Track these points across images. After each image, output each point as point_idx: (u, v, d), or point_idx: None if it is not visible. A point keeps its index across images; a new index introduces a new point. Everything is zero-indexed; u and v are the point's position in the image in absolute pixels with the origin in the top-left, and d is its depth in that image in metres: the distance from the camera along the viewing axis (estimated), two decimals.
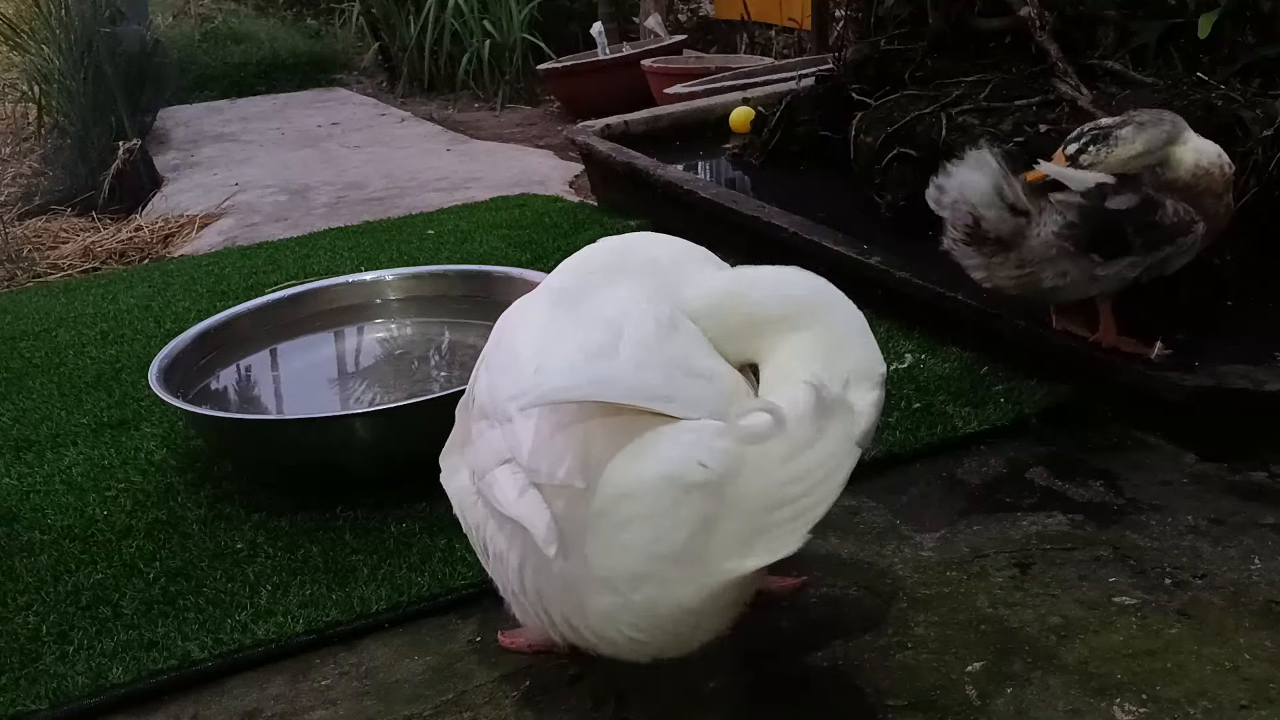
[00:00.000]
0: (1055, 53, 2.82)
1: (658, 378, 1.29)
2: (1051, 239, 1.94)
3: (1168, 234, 1.95)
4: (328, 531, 1.89)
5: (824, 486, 1.12)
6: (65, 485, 2.15)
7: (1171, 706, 1.38)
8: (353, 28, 8.18)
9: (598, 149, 3.65)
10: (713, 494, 1.15)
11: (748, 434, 1.15)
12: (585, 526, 1.21)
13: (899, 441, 2.01)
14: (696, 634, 1.26)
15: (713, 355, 1.39)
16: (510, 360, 1.40)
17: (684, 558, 1.17)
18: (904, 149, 2.87)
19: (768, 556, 1.14)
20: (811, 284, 1.44)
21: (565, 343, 1.36)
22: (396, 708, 1.51)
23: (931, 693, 1.43)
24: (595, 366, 1.30)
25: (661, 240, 1.56)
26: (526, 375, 1.34)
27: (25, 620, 1.74)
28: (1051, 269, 1.98)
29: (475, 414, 1.44)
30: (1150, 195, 1.95)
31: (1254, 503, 1.80)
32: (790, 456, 1.13)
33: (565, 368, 1.31)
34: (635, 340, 1.32)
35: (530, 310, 1.48)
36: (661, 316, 1.37)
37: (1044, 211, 1.96)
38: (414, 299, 2.64)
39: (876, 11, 3.42)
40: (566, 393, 1.24)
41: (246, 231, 4.16)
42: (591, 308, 1.40)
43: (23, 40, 6.05)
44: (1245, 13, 2.60)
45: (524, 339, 1.42)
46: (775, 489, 1.13)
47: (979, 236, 2.00)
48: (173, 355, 2.25)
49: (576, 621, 1.29)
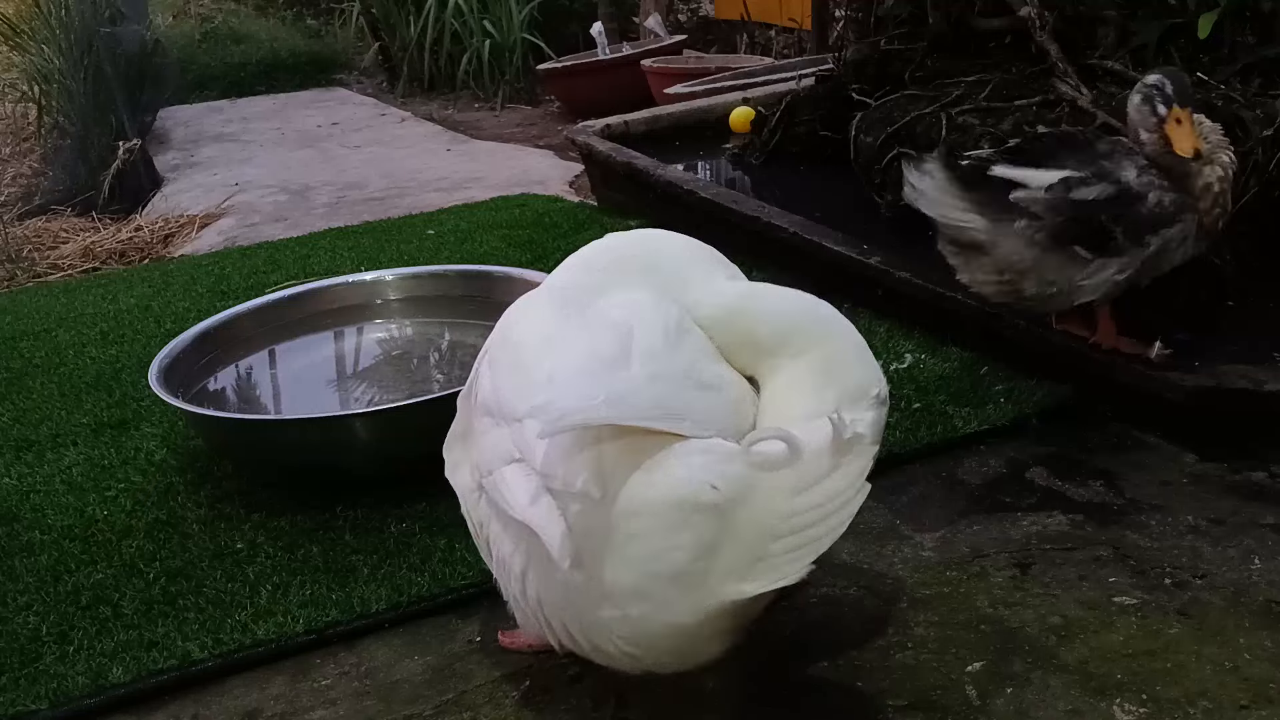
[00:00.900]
0: (1055, 53, 2.82)
1: (669, 392, 1.29)
2: (1022, 238, 1.94)
3: (1149, 223, 1.93)
4: (328, 531, 1.89)
5: (832, 520, 1.13)
6: (65, 485, 2.15)
7: (1171, 706, 1.38)
8: (353, 28, 8.18)
9: (598, 149, 3.65)
10: (719, 518, 1.15)
11: (761, 461, 1.16)
12: (592, 538, 1.21)
13: (899, 441, 2.01)
14: (690, 654, 1.26)
15: (719, 361, 1.40)
16: (517, 360, 1.40)
17: (683, 579, 1.17)
18: (904, 149, 2.87)
19: (767, 584, 1.14)
20: (811, 310, 1.44)
21: (575, 347, 1.36)
22: (396, 708, 1.51)
23: (931, 693, 1.43)
24: (609, 381, 1.29)
25: (669, 238, 1.56)
26: (538, 381, 1.33)
27: (25, 620, 1.74)
28: (1034, 279, 1.97)
29: (478, 409, 1.44)
30: (1128, 185, 1.94)
31: (1254, 503, 1.80)
32: (801, 488, 1.14)
33: (578, 380, 1.30)
34: (645, 348, 1.32)
35: (536, 308, 1.48)
36: (670, 321, 1.37)
37: (1005, 217, 1.96)
38: (414, 299, 2.63)
39: (876, 11, 3.43)
40: (582, 416, 1.22)
41: (246, 231, 4.16)
42: (599, 310, 1.40)
43: (23, 40, 6.05)
44: (1245, 13, 2.60)
45: (531, 339, 1.41)
46: (782, 519, 1.14)
47: (946, 236, 2.02)
48: (173, 355, 2.25)
49: (574, 630, 1.29)
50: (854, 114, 3.13)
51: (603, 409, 1.22)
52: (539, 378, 1.34)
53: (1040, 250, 1.95)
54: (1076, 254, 1.94)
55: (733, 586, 1.16)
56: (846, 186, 3.14)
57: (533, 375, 1.35)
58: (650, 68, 5.62)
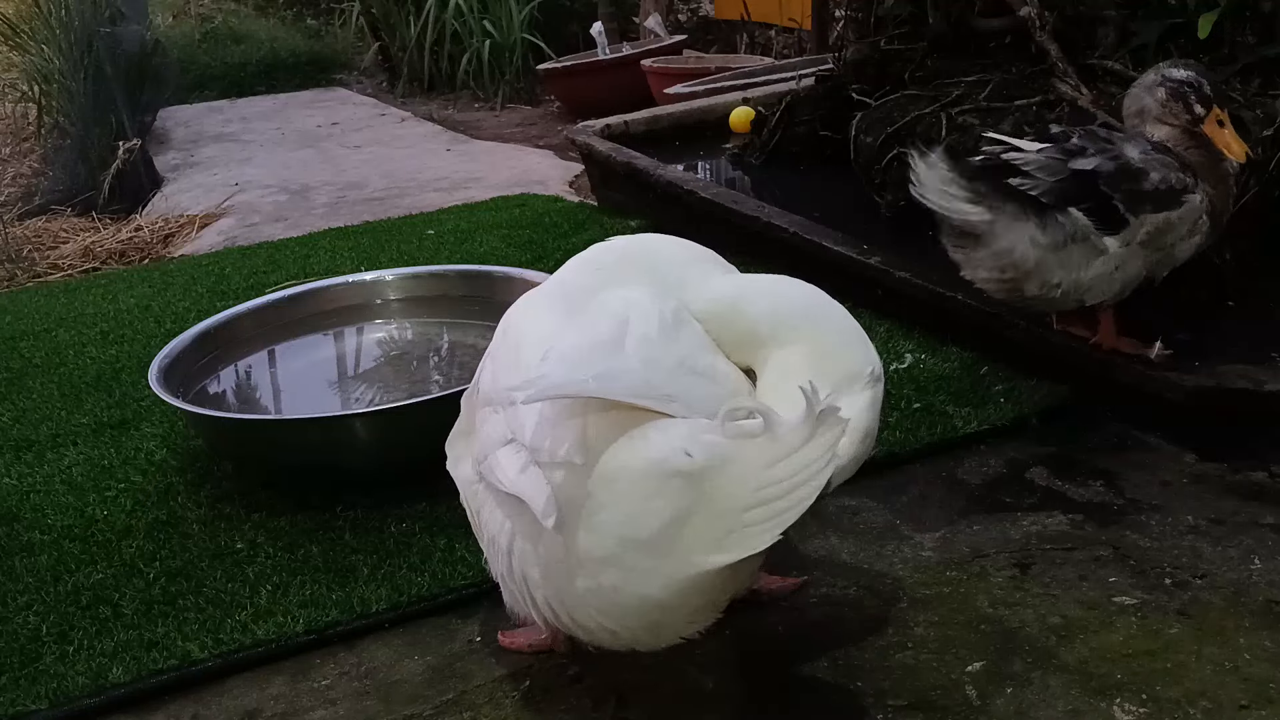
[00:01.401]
0: (1055, 53, 2.82)
1: (661, 375, 1.31)
2: (1021, 219, 1.94)
3: (1152, 199, 1.92)
4: (328, 531, 1.89)
5: (801, 491, 1.14)
6: (65, 485, 2.15)
7: (1171, 706, 1.38)
8: (353, 28, 8.18)
9: (598, 149, 3.65)
10: (693, 486, 1.16)
11: (737, 431, 1.17)
12: (573, 506, 1.23)
13: (899, 441, 2.01)
14: (665, 628, 1.27)
15: (716, 353, 1.41)
16: (515, 350, 1.42)
17: (655, 546, 1.18)
18: (904, 149, 2.87)
19: (737, 554, 1.15)
20: (804, 297, 1.45)
21: (571, 334, 1.38)
22: (396, 708, 1.51)
23: (931, 693, 1.43)
24: (601, 360, 1.31)
25: (668, 241, 1.57)
26: (532, 364, 1.35)
27: (25, 620, 1.74)
28: (1036, 278, 1.97)
29: (479, 402, 1.45)
30: (1129, 161, 1.93)
31: (1254, 503, 1.80)
32: (774, 460, 1.14)
33: (571, 359, 1.32)
34: (640, 335, 1.33)
35: (537, 306, 1.49)
36: (666, 313, 1.39)
37: (1005, 214, 1.96)
38: (414, 299, 2.63)
39: (876, 11, 3.42)
40: (571, 387, 1.25)
41: (246, 231, 4.16)
42: (597, 304, 1.42)
43: (23, 40, 6.04)
44: (1245, 13, 2.60)
45: (530, 330, 1.43)
46: (754, 489, 1.14)
47: (949, 228, 2.02)
48: (173, 355, 2.25)
49: (556, 605, 1.30)
50: (854, 114, 3.13)
51: (591, 383, 1.24)
52: (533, 362, 1.36)
53: (1037, 226, 1.93)
54: (1076, 220, 1.93)
55: (703, 557, 1.16)
56: (846, 186, 3.14)
57: (528, 362, 1.37)
58: (650, 68, 5.62)
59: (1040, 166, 1.92)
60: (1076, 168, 1.92)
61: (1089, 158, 1.93)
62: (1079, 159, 1.93)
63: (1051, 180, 1.92)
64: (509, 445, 1.32)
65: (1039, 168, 1.92)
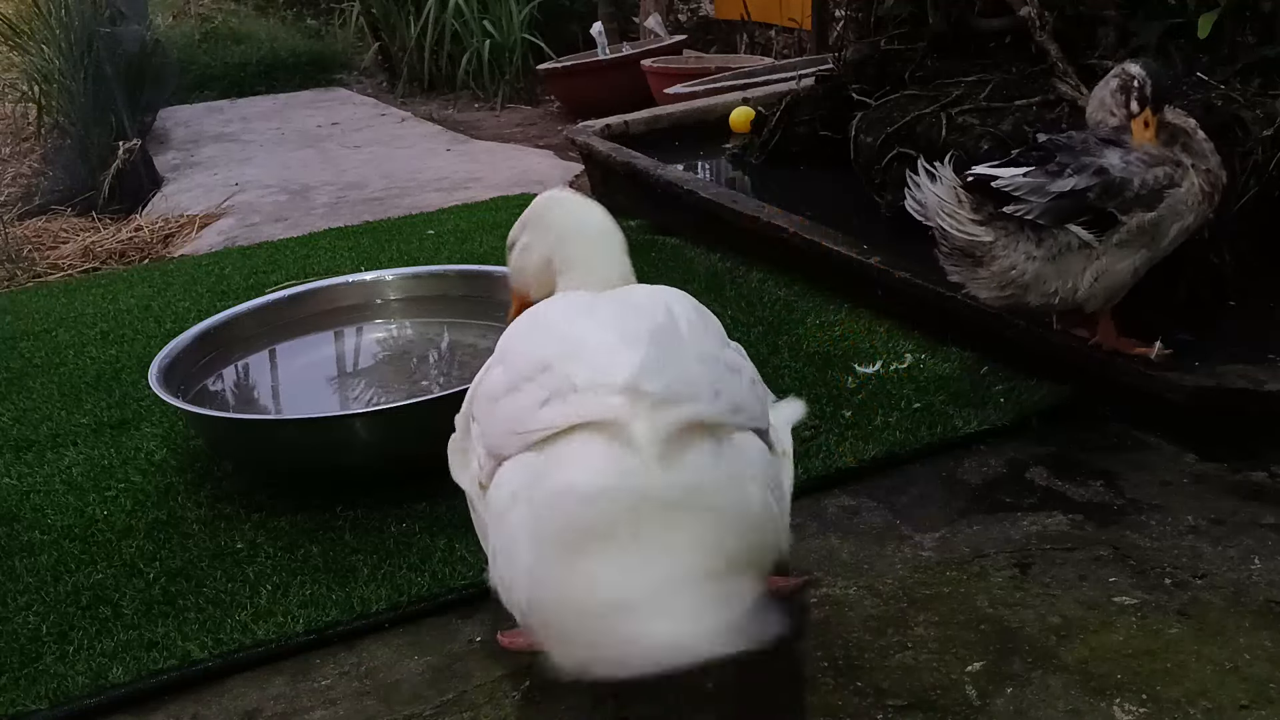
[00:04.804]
0: (1055, 53, 2.82)
1: (718, 375, 1.28)
2: (1020, 238, 1.95)
3: (1143, 201, 1.93)
4: (328, 531, 1.89)
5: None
6: (65, 485, 2.15)
7: (1171, 706, 1.38)
8: (353, 28, 8.17)
9: (598, 149, 3.65)
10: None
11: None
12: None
13: (899, 441, 2.01)
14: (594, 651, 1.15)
15: (727, 343, 1.41)
16: (563, 336, 1.33)
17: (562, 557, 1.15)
18: (904, 149, 2.87)
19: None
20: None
21: (624, 321, 1.31)
22: (396, 708, 1.51)
23: (931, 693, 1.43)
24: (709, 371, 1.27)
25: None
26: (602, 344, 1.26)
27: (25, 620, 1.74)
28: (1036, 290, 1.99)
29: (481, 398, 1.39)
30: (1109, 174, 1.93)
31: (1254, 503, 1.80)
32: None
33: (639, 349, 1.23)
34: (688, 323, 1.34)
35: (547, 304, 1.48)
36: (689, 305, 1.39)
37: (1006, 234, 1.97)
38: (414, 299, 2.63)
39: (876, 11, 3.42)
40: (707, 414, 1.21)
41: (246, 231, 4.16)
42: (623, 294, 1.43)
43: (23, 40, 6.04)
44: (1245, 13, 2.60)
45: (568, 319, 1.37)
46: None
47: (949, 248, 2.03)
48: (173, 355, 2.25)
49: (525, 607, 1.24)
50: (854, 114, 3.13)
51: (728, 415, 1.23)
52: (605, 342, 1.27)
53: (1036, 245, 1.95)
54: (1076, 234, 1.94)
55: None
56: (846, 186, 3.14)
57: (591, 343, 1.28)
58: (650, 68, 5.62)
59: (1031, 189, 1.93)
60: (1058, 190, 1.93)
61: (1067, 178, 1.93)
62: (1058, 180, 1.94)
63: (1045, 202, 1.93)
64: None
65: (1030, 190, 1.93)
